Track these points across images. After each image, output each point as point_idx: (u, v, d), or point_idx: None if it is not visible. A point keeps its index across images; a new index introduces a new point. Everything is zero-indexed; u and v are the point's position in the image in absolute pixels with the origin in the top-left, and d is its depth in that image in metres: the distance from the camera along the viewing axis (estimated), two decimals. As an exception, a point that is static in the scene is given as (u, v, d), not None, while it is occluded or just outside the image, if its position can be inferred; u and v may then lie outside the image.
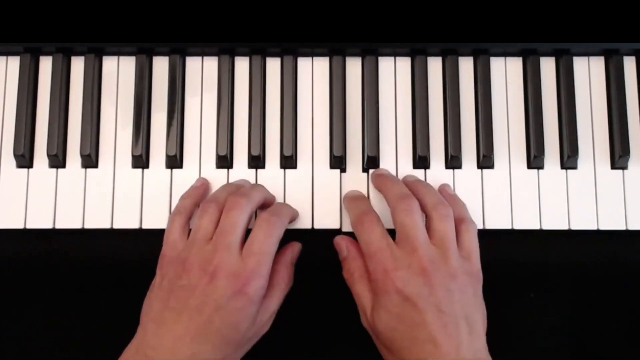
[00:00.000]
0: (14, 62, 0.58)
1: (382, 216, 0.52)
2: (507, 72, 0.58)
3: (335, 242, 0.54)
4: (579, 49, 0.58)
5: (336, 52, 0.58)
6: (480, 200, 0.56)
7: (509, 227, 0.55)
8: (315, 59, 0.58)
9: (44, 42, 0.57)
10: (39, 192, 0.56)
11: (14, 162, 0.56)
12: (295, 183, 0.56)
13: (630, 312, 0.55)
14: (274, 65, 0.58)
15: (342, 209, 0.56)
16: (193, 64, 0.58)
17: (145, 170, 0.56)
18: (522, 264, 0.56)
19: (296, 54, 0.58)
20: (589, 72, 0.58)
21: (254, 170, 0.57)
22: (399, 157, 0.57)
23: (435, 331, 0.46)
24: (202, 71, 0.58)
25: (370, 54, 0.58)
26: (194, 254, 0.48)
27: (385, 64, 0.58)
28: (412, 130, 0.57)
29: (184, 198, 0.54)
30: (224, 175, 0.56)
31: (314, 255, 0.55)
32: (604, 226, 0.55)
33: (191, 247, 0.49)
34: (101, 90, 0.58)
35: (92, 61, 0.57)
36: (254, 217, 0.54)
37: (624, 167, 0.57)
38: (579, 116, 0.57)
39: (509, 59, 0.59)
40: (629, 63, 0.58)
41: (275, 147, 0.57)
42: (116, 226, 0.55)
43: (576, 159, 0.56)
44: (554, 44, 0.57)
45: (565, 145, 0.56)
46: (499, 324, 0.50)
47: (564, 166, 0.57)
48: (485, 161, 0.56)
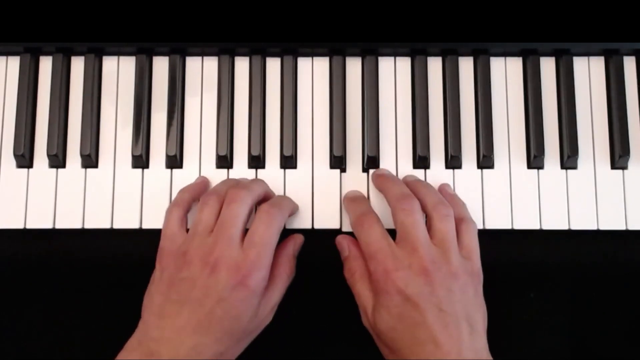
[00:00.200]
0: (14, 62, 0.58)
1: (382, 216, 0.52)
2: (507, 72, 0.58)
3: (337, 242, 0.54)
4: (579, 49, 0.58)
5: (336, 52, 0.58)
6: (480, 200, 0.56)
7: (509, 227, 0.55)
8: (315, 59, 0.58)
9: (44, 42, 0.57)
10: (39, 192, 0.55)
11: (14, 162, 0.56)
12: (295, 183, 0.56)
13: (630, 312, 0.55)
14: (274, 65, 0.58)
15: (342, 209, 0.56)
16: (193, 64, 0.58)
17: (145, 170, 0.56)
18: (522, 264, 0.56)
19: (296, 54, 0.58)
20: (589, 72, 0.58)
21: (254, 170, 0.56)
22: (399, 157, 0.57)
23: (437, 331, 0.46)
24: (202, 71, 0.58)
25: (370, 54, 0.58)
26: (195, 246, 0.48)
27: (385, 64, 0.58)
28: (412, 130, 0.57)
29: (182, 191, 0.54)
30: (224, 176, 0.56)
31: (314, 255, 0.55)
32: (604, 226, 0.55)
33: (192, 239, 0.49)
34: (101, 90, 0.58)
35: (92, 61, 0.57)
36: (254, 212, 0.54)
37: (624, 167, 0.57)
38: (579, 116, 0.57)
39: (509, 59, 0.59)
40: (629, 63, 0.58)
41: (275, 147, 0.57)
42: (116, 226, 0.55)
43: (576, 159, 0.56)
44: (554, 44, 0.57)
45: (565, 145, 0.56)
46: (499, 324, 0.50)
47: (564, 166, 0.57)
48: (485, 161, 0.56)
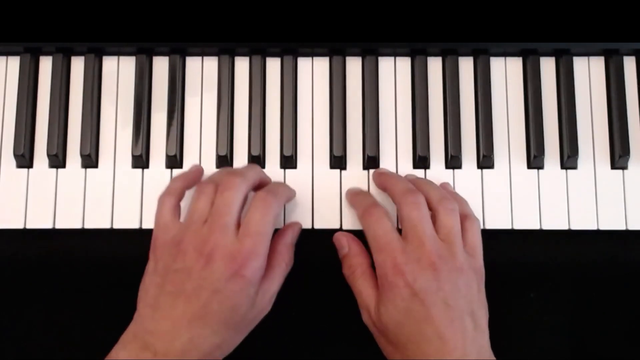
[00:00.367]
0: (14, 62, 0.58)
1: (382, 216, 0.52)
2: (507, 72, 0.58)
3: (335, 239, 0.54)
4: (579, 49, 0.58)
5: (336, 52, 0.58)
6: (480, 200, 0.56)
7: (509, 227, 0.55)
8: (315, 59, 0.58)
9: (44, 42, 0.57)
10: (39, 192, 0.55)
11: (14, 162, 0.56)
12: (295, 183, 0.56)
13: (630, 312, 0.55)
14: (274, 65, 0.58)
15: (342, 209, 0.56)
16: (193, 64, 0.58)
17: (145, 170, 0.56)
18: (522, 264, 0.56)
19: (296, 54, 0.58)
20: (589, 72, 0.58)
21: (254, 170, 0.56)
22: (399, 157, 0.57)
23: (443, 327, 0.46)
24: (202, 71, 0.58)
25: (370, 54, 0.58)
26: (190, 236, 0.47)
27: (385, 64, 0.58)
28: (412, 130, 0.57)
29: (175, 179, 0.53)
30: (224, 175, 0.56)
31: (314, 255, 0.55)
32: (604, 226, 0.55)
33: (186, 229, 0.48)
34: (101, 90, 0.58)
35: (92, 61, 0.57)
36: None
37: (624, 167, 0.57)
38: (579, 116, 0.57)
39: (509, 59, 0.59)
40: (629, 63, 0.58)
41: (275, 147, 0.57)
42: (116, 226, 0.55)
43: (576, 159, 0.56)
44: (554, 44, 0.57)
45: (565, 145, 0.56)
46: (499, 324, 0.50)
47: (564, 166, 0.57)
48: (485, 161, 0.56)
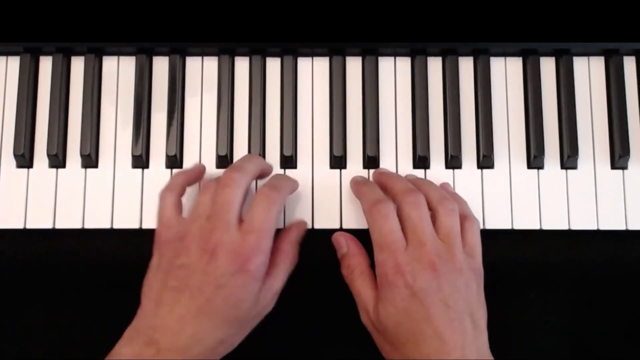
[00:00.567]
0: (14, 62, 0.58)
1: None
2: (507, 72, 0.58)
3: (334, 239, 0.54)
4: (579, 49, 0.58)
5: (336, 52, 0.58)
6: (480, 200, 0.56)
7: (509, 227, 0.55)
8: (315, 59, 0.58)
9: (44, 42, 0.57)
10: (39, 192, 0.55)
11: (14, 162, 0.56)
12: (295, 183, 0.56)
13: (630, 312, 0.55)
14: (274, 65, 0.58)
15: (342, 209, 0.56)
16: (193, 64, 0.58)
17: (145, 170, 0.56)
18: (522, 264, 0.56)
19: (296, 54, 0.58)
20: (589, 72, 0.58)
21: (254, 170, 0.56)
22: (399, 157, 0.57)
23: (442, 327, 0.46)
24: (202, 71, 0.58)
25: (370, 54, 0.58)
26: (193, 231, 0.47)
27: (385, 64, 0.58)
28: (412, 130, 0.57)
29: (177, 175, 0.53)
30: (224, 175, 0.56)
31: (314, 255, 0.54)
32: (604, 226, 0.55)
33: (190, 224, 0.48)
34: (101, 90, 0.58)
35: (92, 61, 0.57)
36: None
37: (624, 167, 0.57)
38: (579, 116, 0.57)
39: (509, 59, 0.59)
40: (629, 63, 0.58)
41: (275, 147, 0.57)
42: (116, 226, 0.55)
43: (576, 159, 0.56)
44: (554, 44, 0.57)
45: (565, 145, 0.56)
46: (499, 324, 0.50)
47: (564, 166, 0.57)
48: (485, 161, 0.56)
